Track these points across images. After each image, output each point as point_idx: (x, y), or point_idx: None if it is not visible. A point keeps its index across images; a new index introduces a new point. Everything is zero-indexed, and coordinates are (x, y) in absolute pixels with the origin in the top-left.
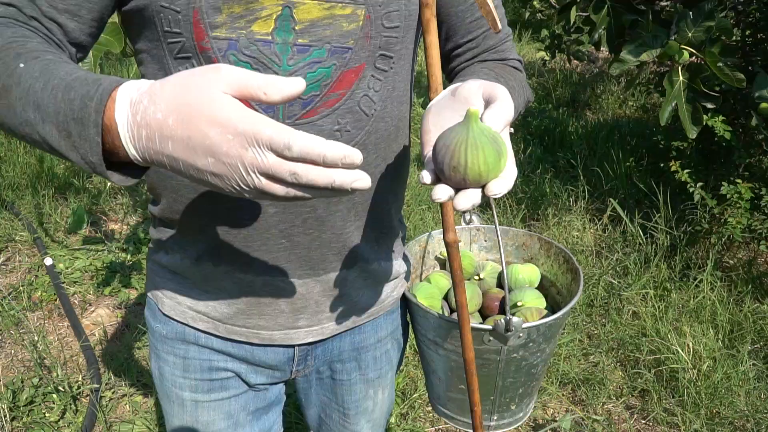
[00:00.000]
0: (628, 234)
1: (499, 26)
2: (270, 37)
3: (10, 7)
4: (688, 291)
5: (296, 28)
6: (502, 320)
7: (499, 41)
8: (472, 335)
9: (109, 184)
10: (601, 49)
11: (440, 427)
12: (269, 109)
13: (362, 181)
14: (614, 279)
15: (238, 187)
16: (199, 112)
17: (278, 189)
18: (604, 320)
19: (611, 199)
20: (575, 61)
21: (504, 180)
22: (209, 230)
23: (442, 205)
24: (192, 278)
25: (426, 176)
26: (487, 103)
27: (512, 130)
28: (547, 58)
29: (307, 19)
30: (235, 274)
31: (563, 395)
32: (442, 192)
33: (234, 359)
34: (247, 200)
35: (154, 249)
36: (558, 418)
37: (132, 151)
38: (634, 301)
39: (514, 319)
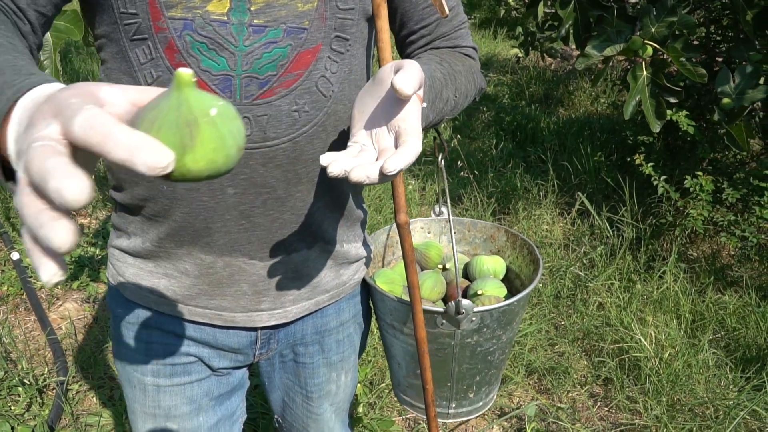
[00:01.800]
0: (595, 227)
1: (447, 11)
2: (226, 18)
3: None
4: (652, 282)
5: (252, 8)
6: (453, 303)
7: (452, 28)
8: (425, 318)
9: None
10: (574, 46)
11: (408, 416)
12: (226, 88)
13: (75, 194)
14: (581, 271)
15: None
16: (69, 92)
17: (21, 197)
18: (570, 311)
19: (580, 193)
20: (549, 59)
21: (400, 156)
22: (170, 213)
23: (393, 186)
24: (154, 261)
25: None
26: (396, 71)
27: (425, 104)
28: (521, 55)
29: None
30: (196, 255)
31: (529, 384)
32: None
33: (196, 343)
34: (206, 181)
35: (116, 234)
36: (523, 406)
37: (13, 126)
38: (599, 293)
39: (464, 301)
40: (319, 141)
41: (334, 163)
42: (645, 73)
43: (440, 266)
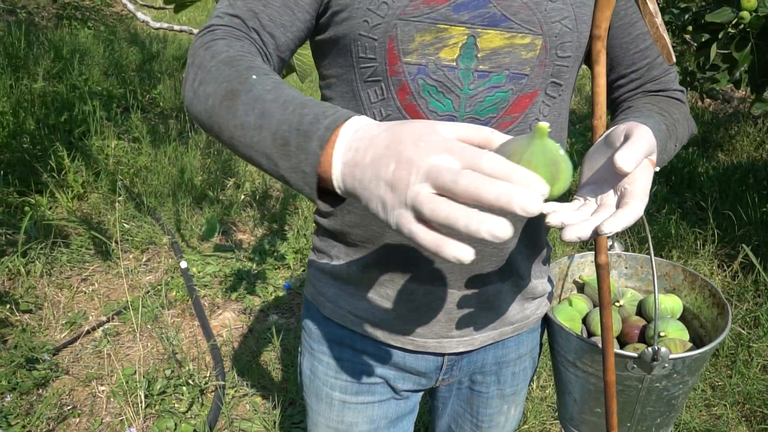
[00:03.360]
0: (760, 283)
1: (674, 58)
2: (455, 63)
3: (235, 18)
4: None
5: (478, 55)
6: (650, 349)
7: (663, 72)
8: (615, 361)
9: (242, 197)
10: (739, 89)
11: None
12: None
13: (535, 204)
14: (743, 329)
15: (401, 201)
16: (411, 129)
17: (426, 203)
18: (730, 371)
19: (743, 245)
20: (708, 100)
21: (618, 219)
22: (380, 240)
23: None
24: (355, 284)
25: None
26: (625, 139)
27: (657, 168)
28: None
29: (489, 47)
30: (399, 282)
31: None
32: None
33: (385, 365)
34: None
35: (317, 256)
36: None
37: (337, 167)
38: (764, 354)
39: (663, 349)
40: None
41: (555, 214)
42: None
43: (617, 303)
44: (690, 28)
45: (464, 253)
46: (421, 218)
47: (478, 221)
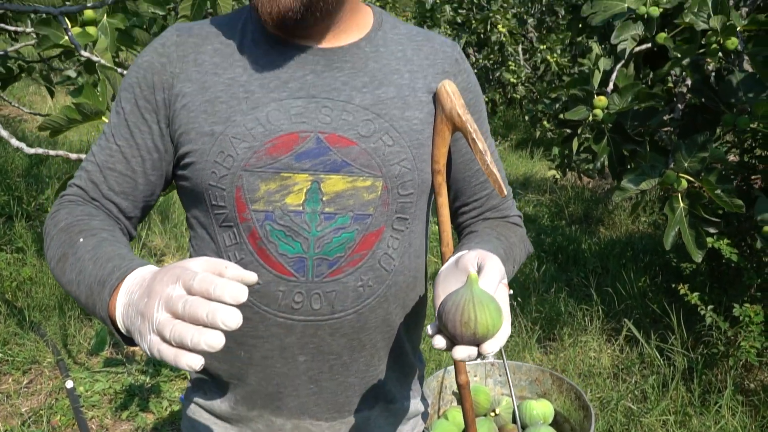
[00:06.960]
0: (645, 355)
1: (505, 192)
2: (301, 208)
3: (79, 190)
4: (709, 416)
5: (323, 199)
6: None
7: (501, 201)
8: None
9: None
10: (602, 175)
11: None
12: (300, 268)
13: (232, 319)
14: (633, 404)
15: (150, 328)
16: (166, 268)
17: (167, 326)
18: None
19: (626, 319)
20: (586, 179)
21: (498, 340)
22: (245, 378)
23: None
24: (227, 419)
25: (430, 329)
26: (479, 269)
27: (511, 291)
28: (558, 176)
29: (333, 191)
30: (267, 417)
31: None
32: (440, 341)
33: None
34: (279, 349)
35: (192, 390)
36: None
37: (119, 310)
38: (654, 428)
39: None
40: (381, 310)
41: (438, 337)
42: (682, 204)
43: (493, 413)
44: (562, 115)
45: (194, 361)
46: (165, 339)
47: (199, 335)
